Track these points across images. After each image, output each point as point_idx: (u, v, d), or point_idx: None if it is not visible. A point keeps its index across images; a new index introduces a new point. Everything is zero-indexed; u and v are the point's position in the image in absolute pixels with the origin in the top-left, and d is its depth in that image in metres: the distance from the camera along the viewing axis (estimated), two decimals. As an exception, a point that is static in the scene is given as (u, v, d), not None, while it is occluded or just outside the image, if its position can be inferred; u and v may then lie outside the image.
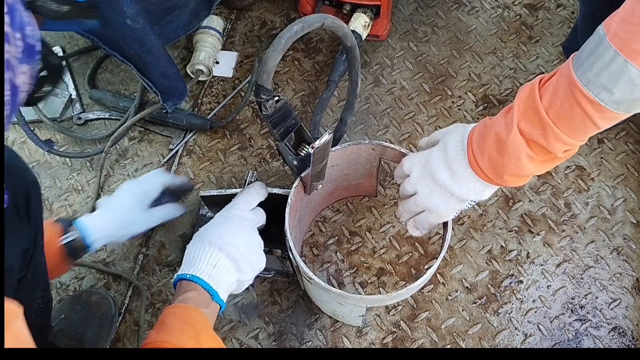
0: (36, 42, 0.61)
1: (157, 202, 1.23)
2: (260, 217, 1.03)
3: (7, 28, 0.56)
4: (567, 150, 0.82)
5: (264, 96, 0.82)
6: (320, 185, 1.08)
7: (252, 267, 0.95)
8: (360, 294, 1.27)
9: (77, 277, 1.33)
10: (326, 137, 0.88)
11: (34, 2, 0.65)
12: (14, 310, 0.56)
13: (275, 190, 1.13)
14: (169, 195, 1.25)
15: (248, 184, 1.08)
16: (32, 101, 0.71)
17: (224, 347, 0.88)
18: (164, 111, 1.41)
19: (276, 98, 0.84)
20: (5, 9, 0.55)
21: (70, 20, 0.74)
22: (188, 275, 0.90)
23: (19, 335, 0.57)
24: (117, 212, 1.17)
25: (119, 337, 1.26)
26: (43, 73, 0.72)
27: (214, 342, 0.85)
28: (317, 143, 0.87)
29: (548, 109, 0.77)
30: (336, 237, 1.33)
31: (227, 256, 0.92)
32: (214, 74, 1.54)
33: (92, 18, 0.76)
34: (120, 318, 1.27)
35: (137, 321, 1.27)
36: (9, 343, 0.53)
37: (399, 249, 1.31)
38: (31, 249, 0.87)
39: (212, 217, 1.29)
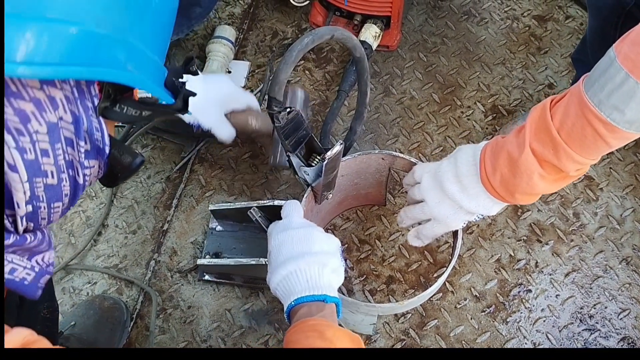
0: (105, 146, 0.63)
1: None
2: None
3: (71, 135, 0.59)
4: (579, 169, 0.83)
5: (276, 108, 0.83)
6: (331, 195, 1.10)
7: (336, 257, 0.92)
8: (369, 301, 1.28)
9: (89, 282, 1.34)
10: (337, 147, 0.89)
11: (110, 108, 0.63)
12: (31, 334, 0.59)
13: (284, 203, 1.16)
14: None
15: (255, 221, 1.05)
16: (108, 185, 0.74)
17: (356, 337, 0.80)
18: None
19: (288, 109, 0.86)
20: (71, 119, 0.58)
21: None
22: (292, 303, 0.86)
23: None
24: (210, 89, 1.20)
25: (131, 342, 1.27)
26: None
27: (342, 334, 0.79)
28: (329, 153, 0.88)
29: (560, 129, 0.79)
30: (346, 245, 1.34)
31: (317, 263, 0.88)
32: (226, 83, 1.57)
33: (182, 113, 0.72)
34: (132, 323, 1.29)
35: (148, 326, 1.28)
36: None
37: (408, 257, 1.32)
38: None
39: (221, 231, 1.32)
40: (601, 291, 1.27)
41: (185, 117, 1.21)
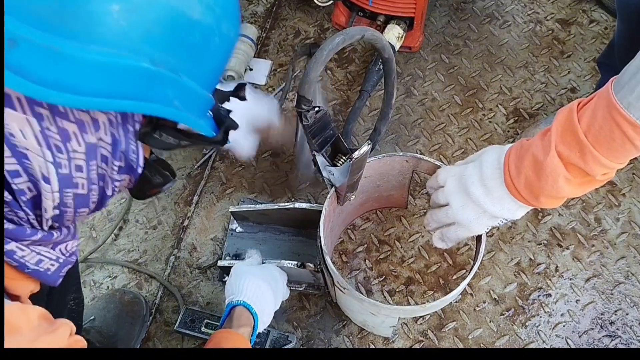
0: (138, 167, 0.65)
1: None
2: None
3: (107, 154, 0.61)
4: (605, 174, 0.82)
5: (304, 106, 0.83)
6: (353, 197, 1.09)
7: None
8: (389, 302, 1.28)
9: (110, 276, 1.35)
10: (365, 147, 0.89)
11: (150, 134, 0.64)
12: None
13: (304, 205, 1.18)
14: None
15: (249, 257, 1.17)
16: (137, 197, 0.75)
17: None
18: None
19: (316, 108, 0.85)
20: (110, 141, 0.60)
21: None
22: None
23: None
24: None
25: (150, 337, 1.28)
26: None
27: None
28: (356, 154, 0.88)
29: (587, 132, 0.78)
30: (365, 245, 1.34)
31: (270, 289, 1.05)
32: (247, 81, 1.57)
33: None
34: (151, 318, 1.29)
35: (167, 321, 1.29)
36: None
37: (427, 258, 1.32)
38: None
39: (241, 232, 1.33)
40: (622, 297, 1.26)
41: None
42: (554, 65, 1.56)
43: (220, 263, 1.27)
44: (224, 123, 0.70)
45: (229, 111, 0.72)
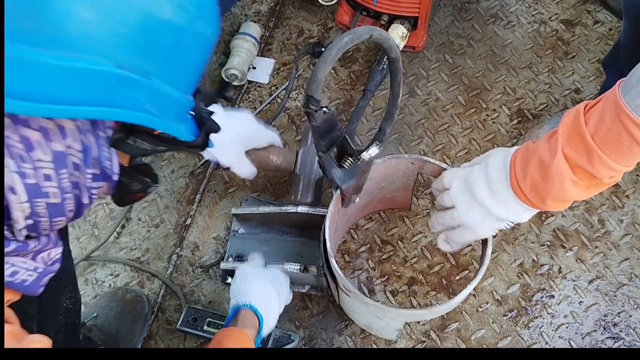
0: (114, 174, 0.63)
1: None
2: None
3: (79, 161, 0.58)
4: (612, 177, 0.82)
5: (312, 106, 0.82)
6: (358, 199, 1.09)
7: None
8: (391, 302, 1.27)
9: (112, 274, 1.35)
10: (374, 149, 0.88)
11: (123, 140, 0.61)
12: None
13: (307, 210, 1.19)
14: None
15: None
16: (117, 203, 0.74)
17: None
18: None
19: (324, 109, 0.84)
20: (79, 148, 0.58)
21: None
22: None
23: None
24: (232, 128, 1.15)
25: (152, 335, 1.28)
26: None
27: None
28: (366, 155, 0.87)
29: (594, 135, 0.78)
30: (368, 245, 1.34)
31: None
32: (250, 79, 1.57)
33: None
34: (153, 316, 1.29)
35: (169, 320, 1.29)
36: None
37: (430, 259, 1.32)
38: None
39: (244, 233, 1.32)
40: (626, 299, 1.25)
41: (204, 154, 1.18)
42: (558, 66, 1.56)
43: (223, 265, 1.27)
44: (204, 125, 0.67)
45: (211, 112, 0.69)
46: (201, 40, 0.62)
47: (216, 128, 0.69)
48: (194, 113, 0.66)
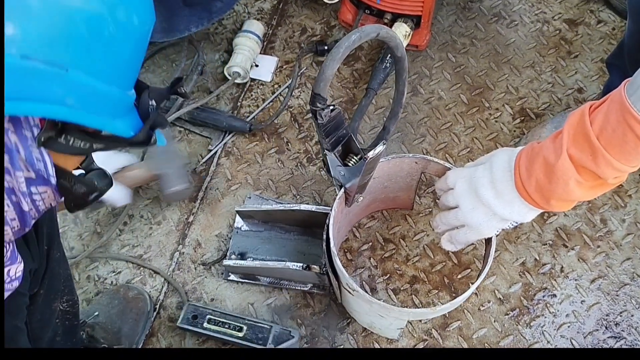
0: (49, 177, 0.59)
1: None
2: None
3: (8, 165, 0.55)
4: (617, 177, 0.82)
5: (319, 105, 0.82)
6: (362, 198, 1.09)
7: None
8: (393, 301, 1.27)
9: (114, 271, 1.35)
10: (380, 147, 0.88)
11: (54, 139, 0.57)
12: None
13: (310, 207, 1.19)
14: None
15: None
16: (69, 210, 0.70)
17: None
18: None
19: (331, 107, 0.84)
20: (6, 149, 0.54)
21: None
22: None
23: None
24: None
25: (153, 332, 1.28)
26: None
27: None
28: (371, 153, 0.87)
29: (599, 135, 0.78)
30: (370, 244, 1.34)
31: None
32: (252, 77, 1.57)
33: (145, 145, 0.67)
34: (155, 314, 1.29)
35: (171, 317, 1.29)
36: None
37: (432, 257, 1.32)
38: (42, 267, 0.87)
39: (247, 230, 1.33)
40: (628, 299, 1.25)
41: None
42: (561, 65, 1.56)
43: (226, 262, 1.27)
44: (149, 119, 0.64)
45: (157, 106, 0.66)
46: (125, 30, 0.58)
47: (163, 123, 0.66)
48: (142, 107, 0.63)
